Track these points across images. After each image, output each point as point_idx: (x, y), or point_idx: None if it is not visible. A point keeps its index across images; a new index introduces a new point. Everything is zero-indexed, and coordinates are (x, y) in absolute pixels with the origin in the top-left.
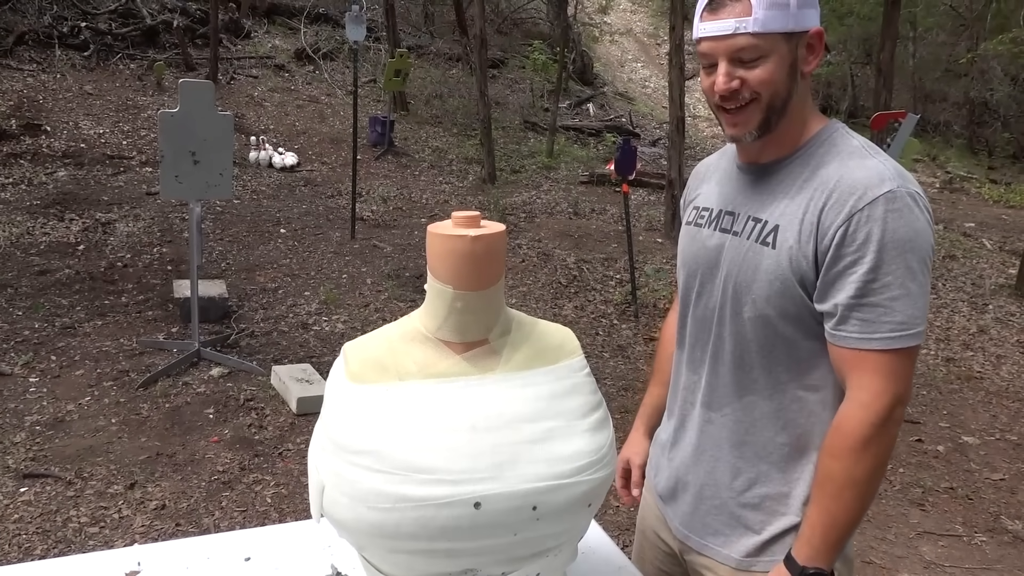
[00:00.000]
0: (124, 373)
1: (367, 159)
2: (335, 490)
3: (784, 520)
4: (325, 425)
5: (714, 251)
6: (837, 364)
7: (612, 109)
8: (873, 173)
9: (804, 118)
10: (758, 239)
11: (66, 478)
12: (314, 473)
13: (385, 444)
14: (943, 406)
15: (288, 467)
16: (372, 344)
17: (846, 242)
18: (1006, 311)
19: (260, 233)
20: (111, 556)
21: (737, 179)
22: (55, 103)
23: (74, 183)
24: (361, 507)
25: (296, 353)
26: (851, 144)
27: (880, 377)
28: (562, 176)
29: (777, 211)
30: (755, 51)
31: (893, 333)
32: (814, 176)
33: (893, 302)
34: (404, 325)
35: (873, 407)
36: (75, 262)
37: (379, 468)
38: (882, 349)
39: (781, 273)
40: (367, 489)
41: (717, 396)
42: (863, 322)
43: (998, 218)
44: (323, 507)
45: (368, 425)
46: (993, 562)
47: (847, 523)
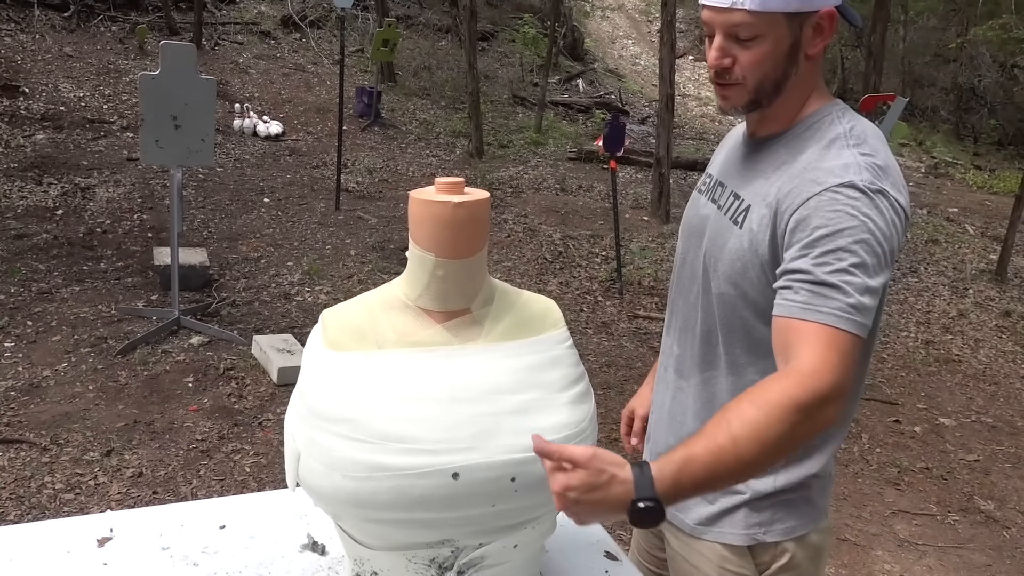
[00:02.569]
0: (102, 340)
1: (353, 130)
2: (311, 458)
3: (736, 497)
4: (301, 392)
5: (703, 220)
6: (780, 337)
7: (602, 86)
8: (841, 164)
9: (805, 97)
10: (731, 216)
11: (41, 444)
12: (290, 440)
13: (361, 412)
14: (921, 388)
15: (267, 437)
16: (351, 311)
17: (800, 227)
18: (986, 296)
19: (243, 202)
20: (83, 522)
21: (739, 151)
22: (34, 64)
23: (53, 146)
24: (337, 475)
25: (278, 323)
26: (836, 131)
27: (824, 353)
28: (550, 152)
29: (753, 191)
30: (751, 29)
31: (842, 312)
32: (792, 160)
33: (846, 284)
34: (384, 292)
35: (812, 381)
36: (53, 227)
37: (355, 436)
38: (830, 324)
39: (742, 254)
40: (343, 457)
41: (686, 365)
42: (813, 294)
43: (981, 204)
44: (299, 475)
45: (345, 393)
46: (965, 541)
47: (725, 475)
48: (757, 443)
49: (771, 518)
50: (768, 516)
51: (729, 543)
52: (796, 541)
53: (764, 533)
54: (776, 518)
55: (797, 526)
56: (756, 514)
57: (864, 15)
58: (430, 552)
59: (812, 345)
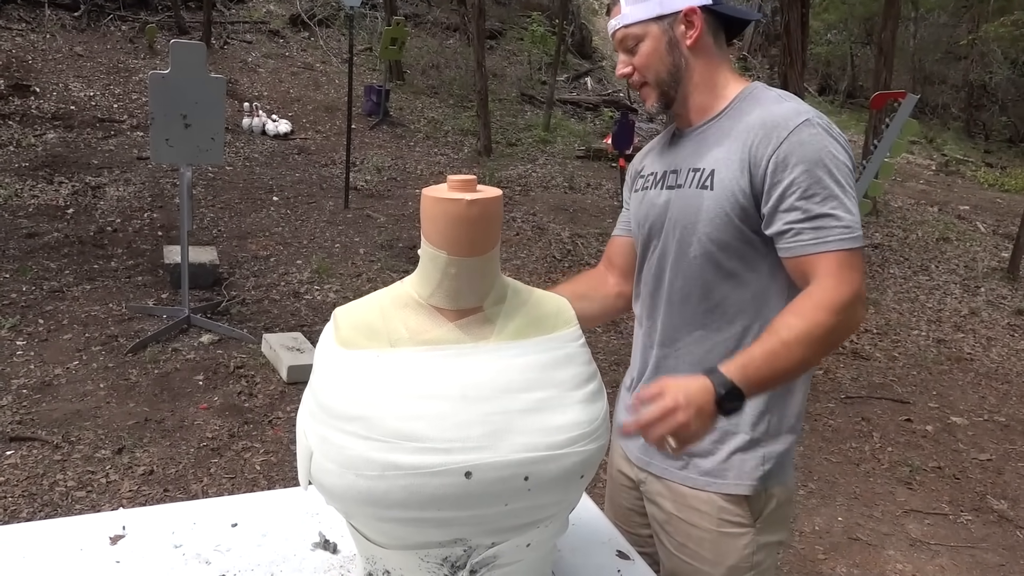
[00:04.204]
0: (113, 338)
1: (361, 128)
2: (323, 457)
3: (736, 439)
4: (314, 391)
5: (663, 207)
6: (797, 276)
7: (610, 84)
8: (790, 109)
9: (719, 83)
10: (698, 185)
11: (53, 442)
12: (302, 439)
13: (375, 411)
14: (933, 387)
15: (278, 435)
16: (363, 309)
17: (779, 168)
18: (997, 294)
19: (252, 200)
20: (96, 519)
21: (676, 144)
22: (44, 64)
23: (63, 146)
24: (350, 474)
25: (287, 321)
26: (770, 95)
27: (840, 273)
28: (558, 150)
29: (712, 158)
30: (633, 39)
31: (843, 236)
32: (740, 123)
33: (835, 211)
34: (396, 290)
35: (838, 291)
36: (64, 226)
37: (368, 435)
38: (838, 249)
39: (721, 210)
40: (356, 456)
41: (670, 334)
42: (815, 230)
43: (992, 202)
44: (311, 474)
45: (358, 391)
46: (978, 540)
47: (783, 371)
48: (805, 345)
49: (764, 466)
50: (763, 464)
51: (731, 493)
52: (781, 486)
53: (762, 479)
54: (767, 465)
55: (781, 473)
56: (759, 464)
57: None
58: (443, 551)
59: (829, 271)
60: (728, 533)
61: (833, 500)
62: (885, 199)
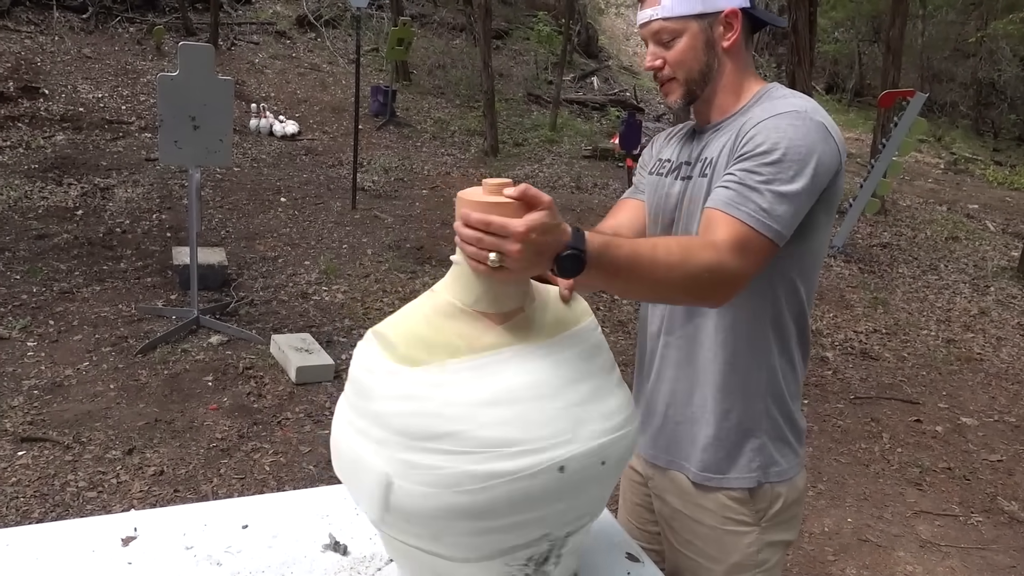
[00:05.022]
0: (123, 339)
1: (368, 129)
2: (408, 482)
3: (739, 443)
4: (378, 417)
5: (675, 197)
6: (705, 222)
7: (616, 83)
8: (788, 103)
9: (743, 85)
10: (702, 175)
11: (64, 443)
12: (369, 474)
13: (462, 424)
14: (942, 387)
15: (287, 436)
16: (411, 323)
17: (748, 142)
18: (1007, 293)
19: (260, 201)
20: (108, 521)
21: (694, 139)
22: (53, 66)
23: (72, 147)
24: (446, 493)
25: (296, 322)
26: (782, 92)
27: (735, 243)
28: (565, 150)
29: (714, 148)
30: (669, 33)
31: (755, 214)
32: (744, 116)
33: (768, 192)
34: (434, 300)
35: (722, 256)
36: (73, 227)
37: (462, 449)
38: (742, 220)
39: None
40: (453, 473)
41: (672, 323)
42: (737, 195)
43: (1002, 200)
44: (389, 504)
45: (439, 408)
46: (989, 542)
47: (633, 273)
48: (665, 268)
49: (768, 462)
50: (765, 460)
51: (735, 487)
52: (787, 484)
53: (765, 475)
54: (772, 462)
55: (788, 469)
56: (758, 458)
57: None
58: (528, 551)
59: (728, 234)
60: (732, 531)
61: (843, 501)
62: (893, 198)
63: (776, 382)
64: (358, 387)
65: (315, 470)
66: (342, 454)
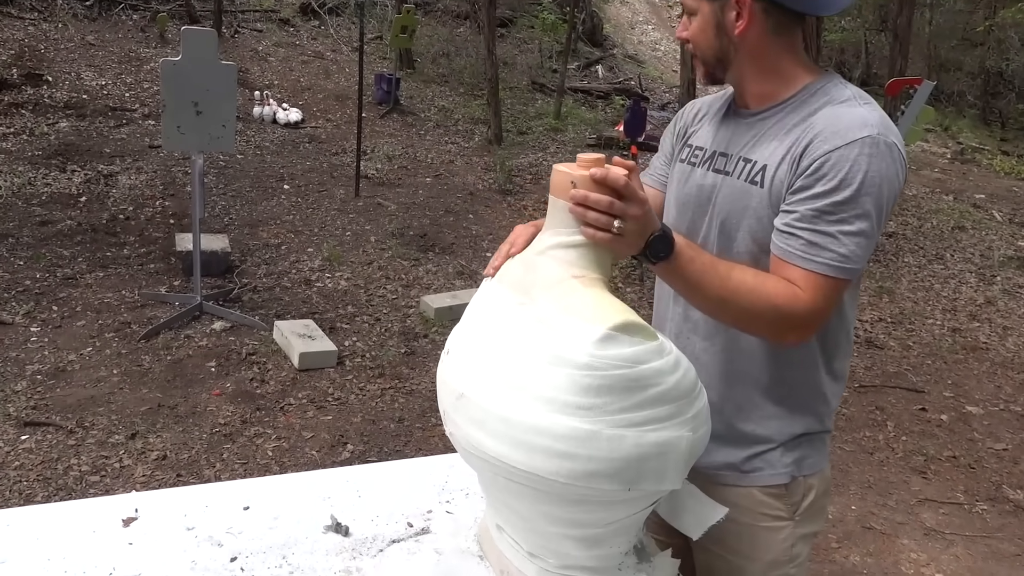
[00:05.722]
0: (126, 325)
1: (372, 117)
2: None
3: (768, 443)
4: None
5: (707, 190)
6: (776, 271)
7: (621, 72)
8: (858, 118)
9: (781, 72)
10: (748, 179)
11: (67, 427)
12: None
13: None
14: (948, 376)
15: (289, 421)
16: (612, 299)
17: (816, 175)
18: (1014, 283)
19: (263, 189)
20: (109, 502)
21: (732, 123)
22: (57, 53)
23: (76, 134)
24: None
25: (299, 309)
26: (844, 93)
27: (811, 293)
28: (569, 138)
29: (767, 152)
30: (689, 8)
31: (834, 262)
32: (804, 121)
33: (842, 235)
34: (589, 284)
35: (797, 304)
36: (77, 213)
37: None
38: (820, 272)
39: (767, 211)
40: None
41: (706, 326)
42: (809, 244)
43: (1009, 190)
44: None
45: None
46: (994, 530)
47: (701, 286)
48: (732, 294)
49: (801, 456)
50: (799, 455)
51: (768, 484)
52: (819, 475)
53: (798, 469)
54: (805, 455)
55: (819, 461)
56: (790, 453)
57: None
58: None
59: (807, 286)
60: (767, 527)
61: (847, 489)
62: None
63: (819, 390)
64: (632, 382)
65: (318, 455)
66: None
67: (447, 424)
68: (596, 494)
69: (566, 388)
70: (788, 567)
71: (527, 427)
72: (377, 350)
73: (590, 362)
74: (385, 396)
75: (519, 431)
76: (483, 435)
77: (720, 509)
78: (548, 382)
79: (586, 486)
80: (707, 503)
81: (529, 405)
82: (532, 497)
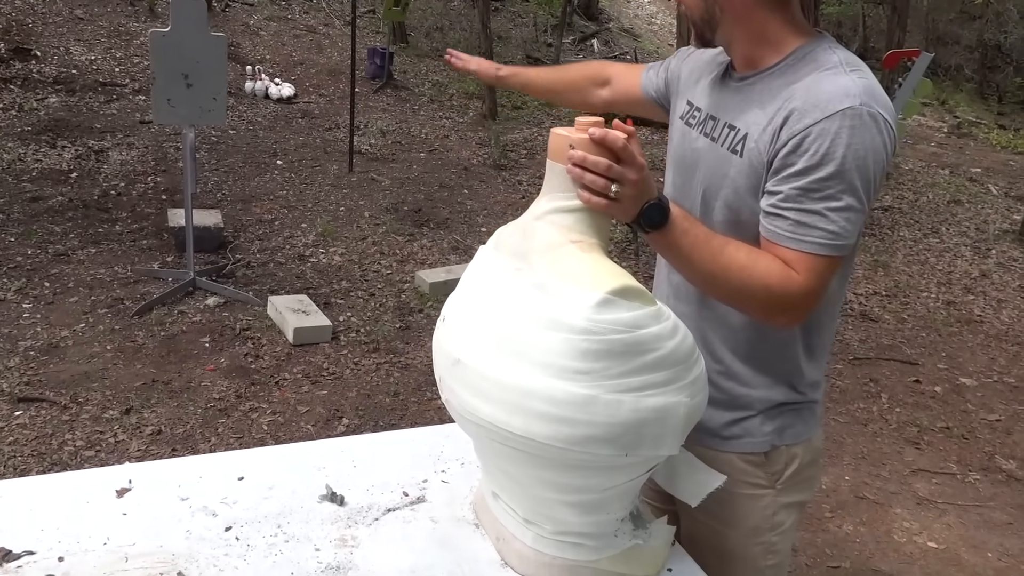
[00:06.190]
0: (119, 301)
1: (365, 92)
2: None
3: (749, 410)
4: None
5: (696, 153)
6: (764, 248)
7: (617, 46)
8: (839, 88)
9: (770, 36)
10: (730, 147)
11: (61, 403)
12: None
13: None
14: (942, 348)
15: (284, 396)
16: (605, 264)
17: (798, 151)
18: (1009, 256)
19: (256, 164)
20: (103, 473)
21: (724, 86)
22: (45, 27)
23: (66, 110)
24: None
25: (293, 284)
26: (831, 59)
27: (804, 274)
28: (564, 114)
29: (750, 119)
30: None
31: (824, 240)
32: (787, 88)
33: (830, 212)
34: (587, 249)
35: (790, 285)
36: (68, 189)
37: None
38: (811, 252)
39: (743, 181)
40: None
41: (684, 291)
42: (797, 224)
43: (1005, 164)
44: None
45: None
46: (986, 499)
47: (694, 259)
48: (723, 271)
49: (783, 425)
50: (780, 424)
51: (747, 451)
52: (803, 445)
53: (779, 438)
54: (787, 424)
55: (804, 430)
56: (770, 422)
57: None
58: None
59: (800, 268)
60: (748, 495)
61: (840, 460)
62: (896, 162)
63: (796, 364)
64: (630, 347)
65: (313, 429)
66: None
67: (443, 391)
68: (593, 459)
69: (564, 353)
70: (770, 535)
71: (524, 392)
72: (372, 325)
73: (588, 327)
74: (380, 371)
75: (516, 396)
76: (479, 401)
77: (718, 476)
78: (545, 347)
79: (583, 451)
80: (704, 470)
81: (526, 370)
82: (528, 463)
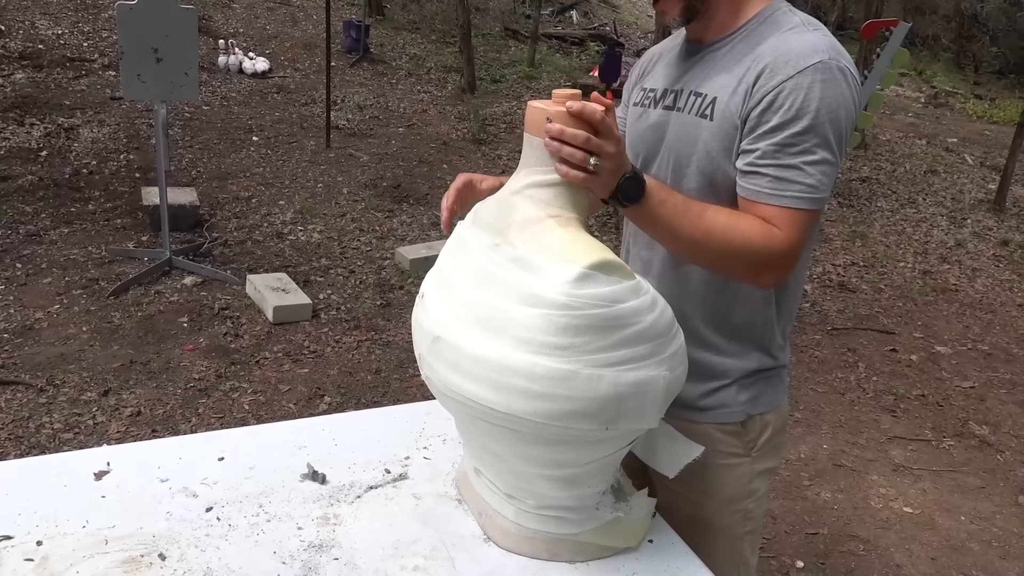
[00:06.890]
0: (94, 281)
1: (341, 66)
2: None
3: (724, 379)
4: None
5: (658, 128)
6: (742, 209)
7: (596, 17)
8: (807, 45)
9: (737, 3)
10: (698, 112)
11: (37, 385)
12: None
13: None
14: (918, 317)
15: (265, 375)
16: (584, 239)
17: (772, 108)
18: (983, 225)
19: (231, 141)
20: (80, 456)
21: (684, 59)
22: (8, 1)
23: (33, 86)
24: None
25: (271, 262)
26: (792, 20)
27: (786, 230)
28: (544, 86)
29: (717, 84)
30: None
31: (803, 194)
32: (753, 50)
33: (807, 165)
34: (565, 224)
35: (772, 242)
36: (38, 168)
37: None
38: (791, 207)
39: (716, 144)
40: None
41: (655, 266)
42: (776, 180)
43: (981, 134)
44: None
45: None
46: (960, 464)
47: (674, 227)
48: (705, 235)
49: (757, 394)
50: (754, 392)
51: (724, 421)
52: (775, 412)
53: (753, 406)
54: (760, 392)
55: (775, 397)
56: (744, 391)
57: None
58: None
59: (781, 224)
60: (725, 464)
61: (818, 428)
62: (873, 132)
63: (769, 326)
64: (609, 322)
65: (295, 408)
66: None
67: (423, 368)
68: (574, 434)
69: (543, 328)
70: (747, 502)
71: (504, 368)
72: (352, 302)
73: (567, 301)
74: (361, 348)
75: (495, 372)
76: (459, 378)
77: (696, 448)
78: (524, 323)
79: (564, 426)
80: (683, 442)
81: (506, 346)
82: (509, 438)
